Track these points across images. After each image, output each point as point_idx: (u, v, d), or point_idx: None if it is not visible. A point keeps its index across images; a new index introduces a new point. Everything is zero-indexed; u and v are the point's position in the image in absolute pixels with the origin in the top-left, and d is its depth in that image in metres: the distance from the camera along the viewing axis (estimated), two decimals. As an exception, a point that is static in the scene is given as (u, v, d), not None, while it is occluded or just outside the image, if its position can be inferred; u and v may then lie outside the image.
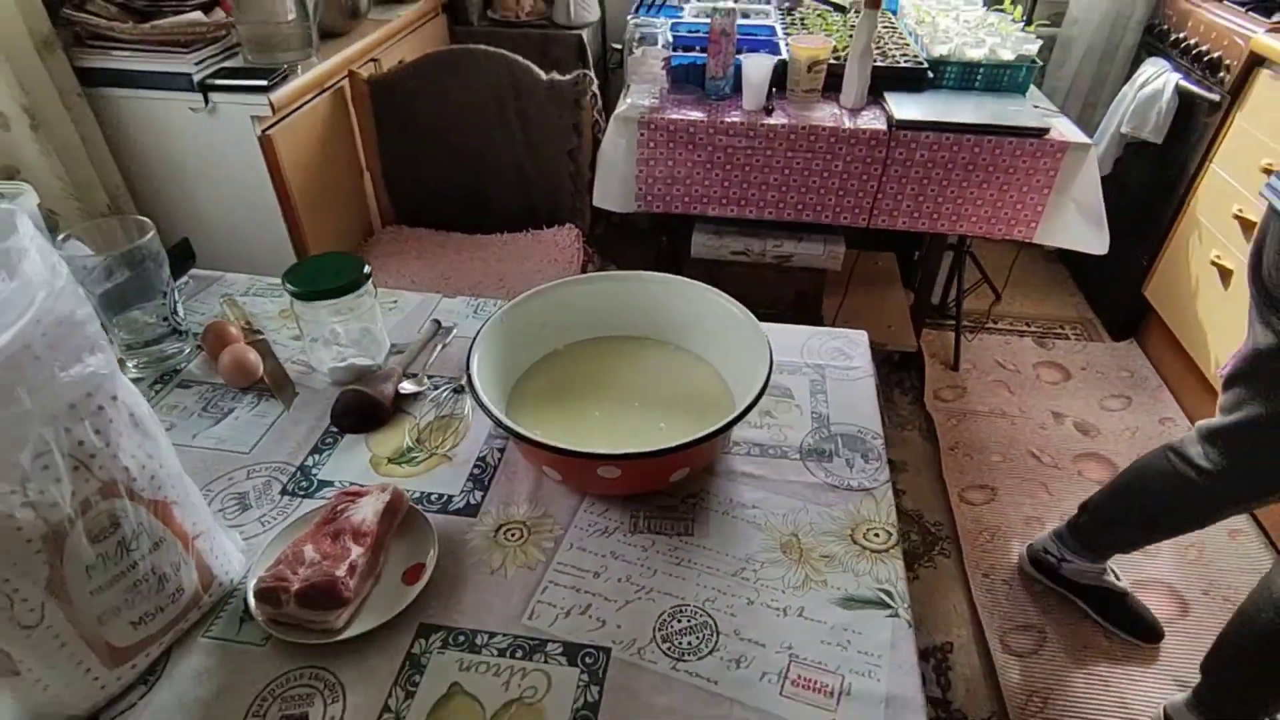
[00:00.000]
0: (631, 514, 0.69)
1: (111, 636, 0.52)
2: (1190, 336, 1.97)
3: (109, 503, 0.49)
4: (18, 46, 1.24)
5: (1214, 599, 1.55)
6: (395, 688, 0.55)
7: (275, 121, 1.41)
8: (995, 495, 1.78)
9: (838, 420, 0.79)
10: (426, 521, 0.66)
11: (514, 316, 0.78)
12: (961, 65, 1.67)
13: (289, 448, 0.76)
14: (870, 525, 0.68)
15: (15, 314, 0.42)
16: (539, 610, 0.61)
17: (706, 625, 0.59)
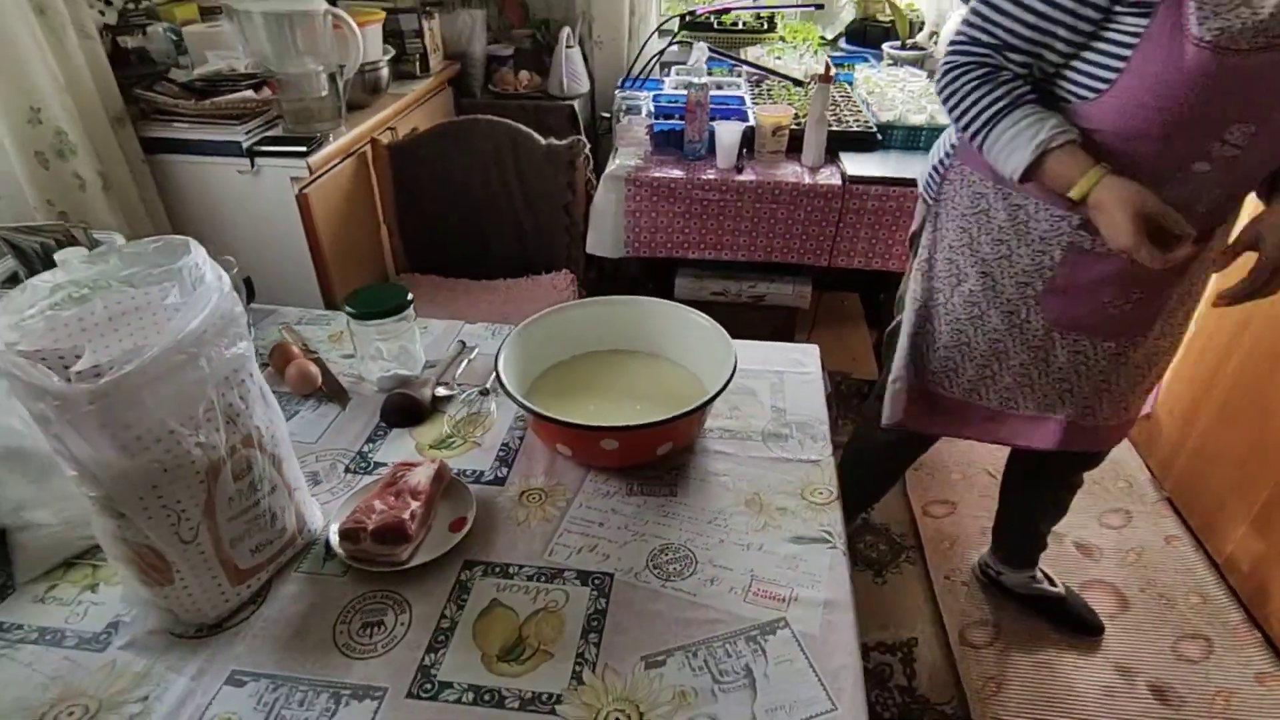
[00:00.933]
0: (627, 482, 0.87)
1: (237, 559, 0.69)
2: (1125, 364, 2.18)
3: (247, 450, 0.66)
4: (96, 121, 1.45)
5: (1150, 596, 1.72)
6: (448, 603, 0.72)
7: (310, 181, 1.62)
8: (955, 509, 1.95)
9: (793, 411, 0.98)
10: (466, 488, 0.83)
11: (529, 332, 0.97)
12: (906, 129, 1.92)
13: (348, 439, 0.94)
14: (815, 486, 0.86)
15: (201, 308, 0.60)
16: (556, 549, 0.78)
17: (687, 556, 0.77)
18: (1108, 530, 1.89)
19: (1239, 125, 0.88)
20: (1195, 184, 0.93)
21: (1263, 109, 0.88)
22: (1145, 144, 0.92)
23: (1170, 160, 0.92)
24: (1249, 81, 0.85)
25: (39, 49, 1.33)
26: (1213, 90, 0.86)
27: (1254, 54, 0.83)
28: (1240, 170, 0.93)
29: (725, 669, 0.66)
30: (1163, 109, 0.88)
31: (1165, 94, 0.87)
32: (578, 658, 0.67)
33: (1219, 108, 0.88)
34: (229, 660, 0.66)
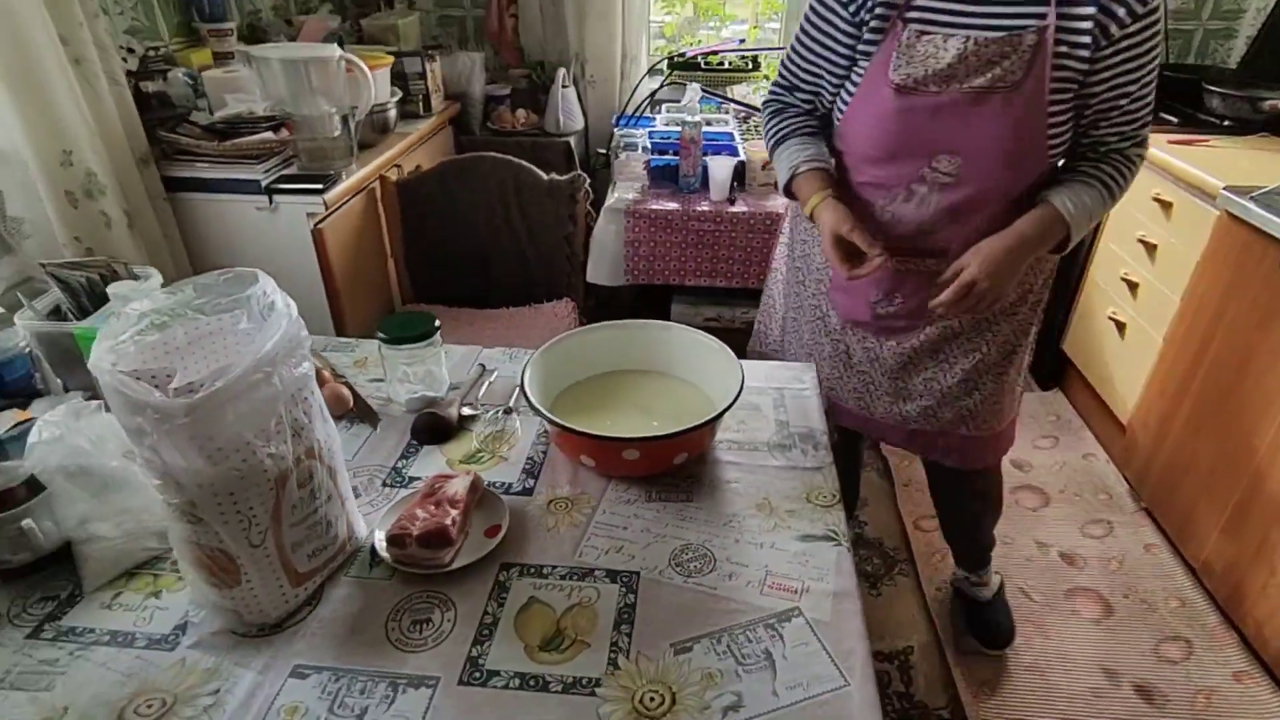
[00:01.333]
0: (646, 490, 0.94)
1: (296, 563, 0.75)
2: (1100, 382, 2.29)
3: (309, 461, 0.73)
4: (123, 162, 1.52)
5: (1132, 601, 1.80)
6: (490, 601, 0.78)
7: (324, 217, 1.69)
8: (945, 523, 2.03)
9: (795, 424, 1.06)
10: (498, 497, 0.90)
11: (550, 354, 1.05)
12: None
13: (382, 455, 1.00)
14: (819, 490, 0.93)
15: (274, 332, 0.67)
16: (586, 551, 0.84)
17: (706, 555, 0.84)
18: (1090, 540, 1.98)
19: (945, 156, 1.07)
20: (919, 201, 1.12)
21: (962, 142, 1.05)
22: (875, 165, 1.14)
23: (896, 179, 1.12)
24: (938, 118, 1.04)
25: (74, 96, 1.40)
26: (905, 124, 1.07)
27: (938, 95, 1.03)
28: (959, 193, 1.09)
29: (747, 653, 0.72)
30: (873, 137, 1.11)
31: (874, 125, 1.10)
32: (612, 646, 0.73)
33: (918, 139, 1.08)
34: (291, 656, 0.72)
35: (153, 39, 1.89)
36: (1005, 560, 1.91)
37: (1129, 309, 2.13)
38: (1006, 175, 1.07)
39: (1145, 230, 2.06)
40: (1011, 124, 1.02)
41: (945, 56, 1.01)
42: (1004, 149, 1.04)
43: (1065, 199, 1.06)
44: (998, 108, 1.01)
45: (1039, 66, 0.99)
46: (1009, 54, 0.99)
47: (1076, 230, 1.07)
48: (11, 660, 0.72)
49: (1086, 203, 1.07)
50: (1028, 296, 1.24)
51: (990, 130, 1.03)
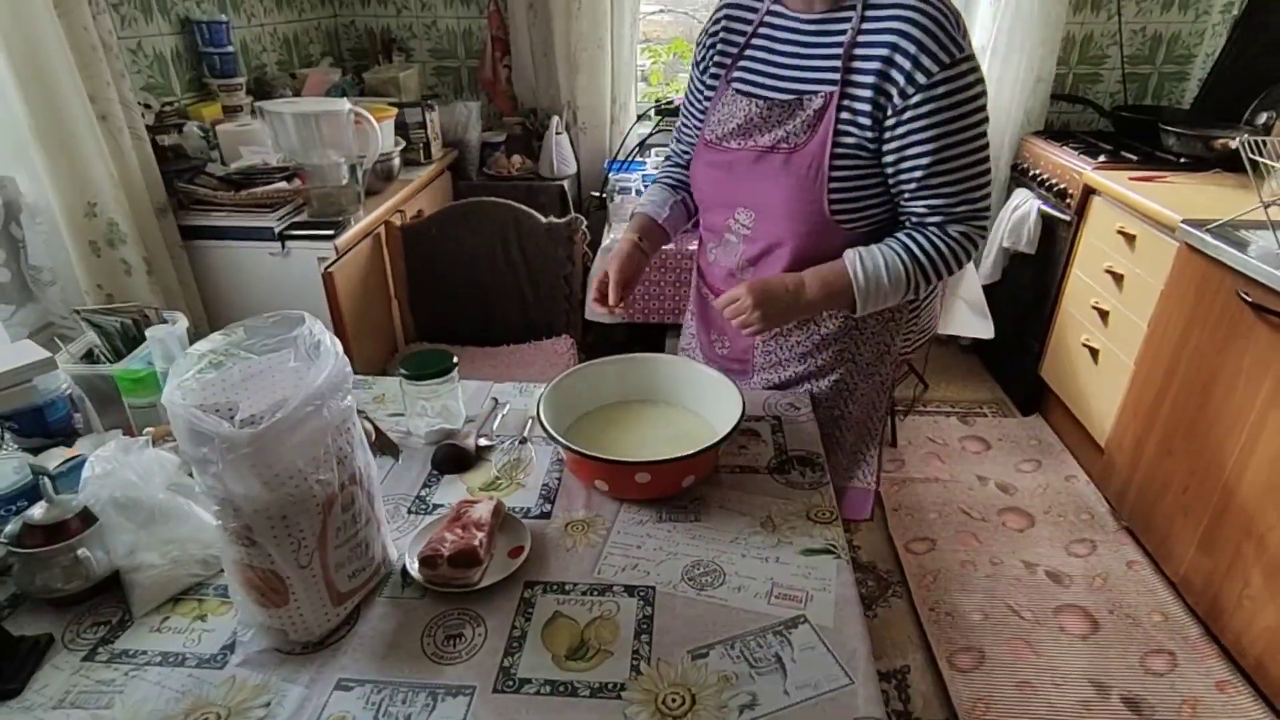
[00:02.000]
0: (657, 511, 1.00)
1: (339, 583, 0.80)
2: (1078, 407, 2.39)
3: (352, 487, 0.79)
4: (143, 212, 1.60)
5: (1118, 616, 1.87)
6: (517, 616, 0.84)
7: (334, 261, 1.77)
8: (935, 545, 2.10)
9: (793, 448, 1.13)
10: (520, 521, 0.96)
11: (562, 386, 1.12)
12: (868, 201, 2.15)
13: (406, 485, 1.06)
14: (818, 508, 1.00)
15: (324, 368, 0.74)
16: (604, 569, 0.90)
17: (716, 569, 0.90)
18: (1075, 559, 2.05)
19: (742, 209, 1.16)
20: (729, 249, 1.21)
21: (752, 197, 1.14)
22: (703, 213, 1.26)
23: (715, 227, 1.22)
24: (733, 173, 1.14)
25: (100, 150, 1.48)
26: (710, 177, 1.18)
27: (735, 151, 1.12)
28: (756, 245, 1.17)
29: (759, 657, 0.78)
30: (697, 188, 1.24)
31: (696, 176, 1.22)
32: (633, 654, 0.79)
33: (721, 192, 1.18)
34: (335, 670, 0.77)
35: (167, 94, 1.98)
36: (994, 580, 1.98)
37: (1101, 336, 2.24)
38: (791, 231, 1.11)
39: (1112, 261, 2.18)
40: (792, 183, 1.07)
41: (738, 115, 1.12)
42: (785, 207, 1.09)
43: (860, 258, 1.07)
44: (779, 166, 1.08)
45: (822, 131, 1.04)
46: (795, 116, 1.06)
47: (863, 294, 1.07)
48: (70, 681, 0.76)
49: (882, 266, 1.06)
50: (885, 357, 1.26)
51: (771, 187, 1.10)
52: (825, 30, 1.05)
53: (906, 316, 1.27)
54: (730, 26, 1.17)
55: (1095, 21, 2.77)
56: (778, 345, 1.26)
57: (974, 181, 1.05)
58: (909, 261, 1.07)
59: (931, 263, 1.08)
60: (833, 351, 1.23)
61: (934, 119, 0.99)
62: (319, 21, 2.78)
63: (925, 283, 1.10)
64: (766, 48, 1.12)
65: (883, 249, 1.08)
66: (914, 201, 1.07)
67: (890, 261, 1.07)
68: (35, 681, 0.76)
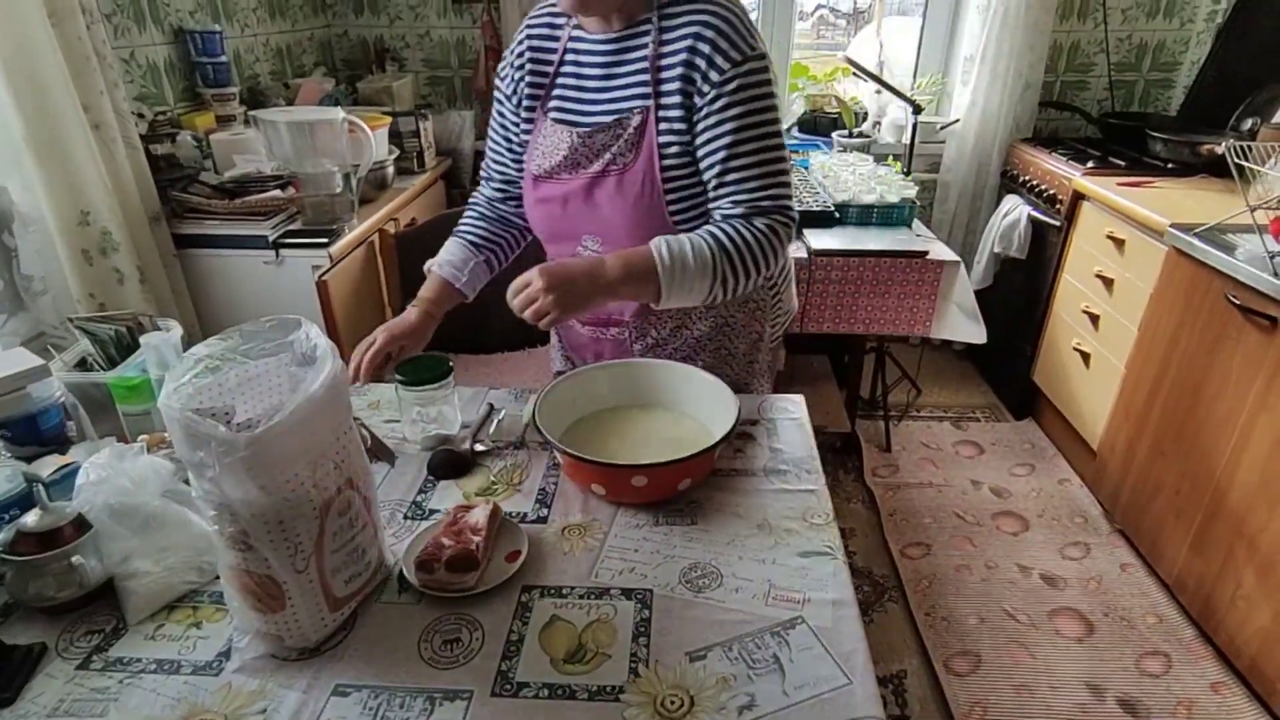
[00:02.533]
0: (653, 515, 1.00)
1: (335, 588, 0.80)
2: (1070, 410, 2.40)
3: (350, 491, 0.79)
4: (136, 221, 1.59)
5: (1113, 619, 1.87)
6: (514, 620, 0.84)
7: (328, 269, 1.77)
8: (930, 550, 2.10)
9: (787, 451, 1.13)
10: (516, 525, 0.96)
11: (557, 390, 1.12)
12: (860, 207, 2.17)
13: (401, 491, 1.06)
14: (814, 510, 1.01)
15: (321, 372, 0.74)
16: (601, 572, 0.90)
17: (714, 572, 0.90)
18: (1069, 562, 2.06)
19: (588, 237, 1.17)
20: None
21: (595, 224, 1.14)
22: (547, 245, 1.25)
23: (564, 257, 1.19)
24: (570, 204, 1.14)
25: (93, 159, 1.48)
26: (546, 211, 1.18)
27: (567, 182, 1.13)
28: None
29: (757, 658, 0.78)
30: (534, 223, 1.23)
31: (530, 211, 1.22)
32: (632, 657, 0.79)
33: (561, 224, 1.18)
34: (332, 676, 0.77)
35: (160, 104, 1.98)
36: (990, 584, 1.98)
37: (1092, 340, 2.26)
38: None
39: (1102, 266, 2.20)
40: (630, 203, 1.10)
41: (563, 147, 1.14)
42: (629, 227, 1.11)
43: (665, 242, 1.04)
44: (613, 190, 1.10)
45: (647, 146, 1.07)
46: (619, 137, 1.08)
47: (668, 274, 1.03)
48: (65, 690, 0.76)
49: (688, 250, 1.03)
50: (759, 344, 1.32)
51: (611, 211, 1.11)
52: (627, 48, 1.08)
53: (770, 302, 1.31)
54: (536, 57, 1.17)
55: (1082, 30, 2.80)
56: (658, 356, 1.27)
57: (772, 171, 1.07)
58: (714, 247, 1.05)
59: (738, 251, 1.06)
60: (709, 351, 1.27)
61: (728, 113, 1.04)
62: (312, 32, 2.79)
63: (733, 273, 1.06)
64: (575, 74, 1.14)
65: (689, 235, 1.06)
66: (719, 195, 1.09)
67: (696, 246, 1.04)
68: (29, 690, 0.76)
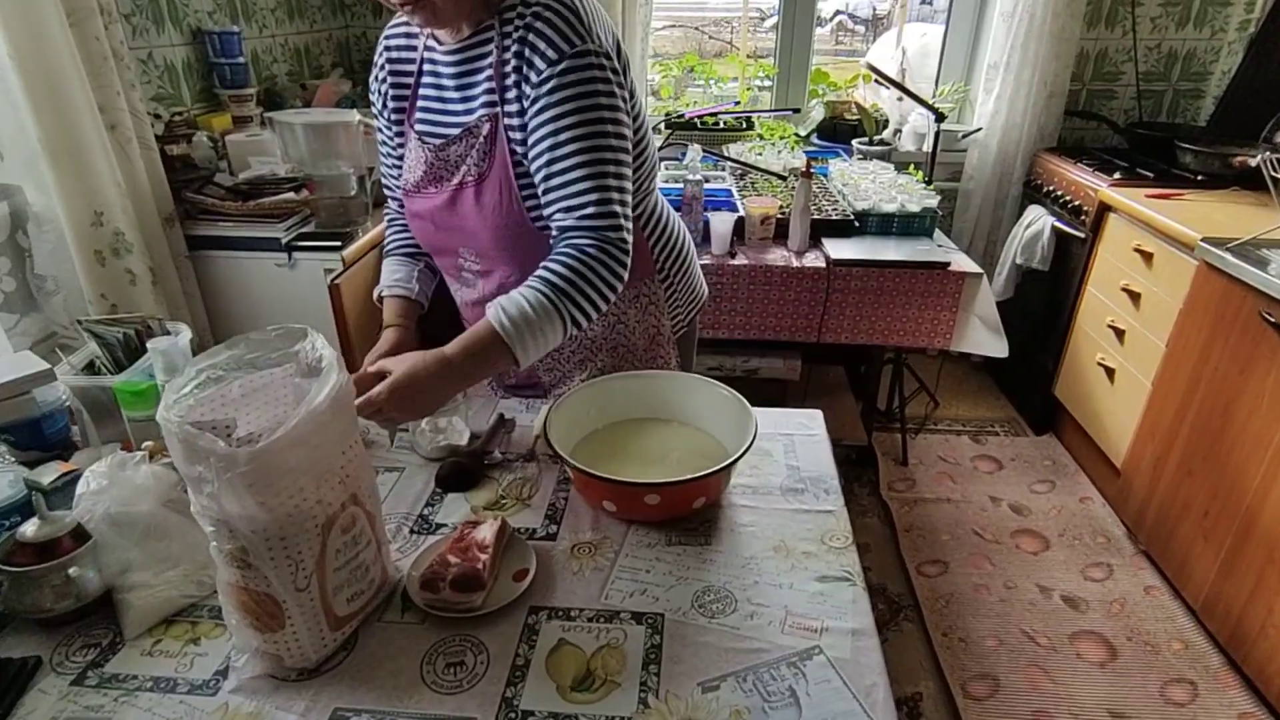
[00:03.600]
0: (666, 534, 0.97)
1: (337, 606, 0.77)
2: (1093, 426, 2.34)
3: (353, 507, 0.76)
4: (149, 222, 1.58)
5: (1136, 644, 1.82)
6: (520, 643, 0.81)
7: (341, 273, 1.75)
8: (947, 568, 2.05)
9: (806, 469, 1.10)
10: (524, 542, 0.93)
11: (568, 403, 1.09)
12: (880, 216, 2.13)
13: (408, 503, 1.03)
14: (833, 532, 0.97)
15: (325, 384, 0.72)
16: (611, 594, 0.87)
17: (728, 596, 0.87)
18: (1091, 584, 2.00)
19: (464, 249, 1.14)
20: (471, 287, 1.19)
21: (466, 235, 1.11)
22: (434, 258, 1.23)
23: (450, 270, 1.20)
24: (440, 216, 1.11)
25: (107, 160, 1.47)
26: (422, 225, 1.15)
27: (434, 195, 1.10)
28: (494, 279, 1.15)
29: (772, 690, 0.75)
30: (416, 235, 1.19)
31: (411, 224, 1.19)
32: (641, 686, 0.76)
33: (437, 237, 1.15)
34: (332, 699, 0.74)
35: (177, 104, 1.98)
36: (1009, 604, 1.93)
37: (1117, 355, 2.20)
38: (512, 257, 1.10)
39: (1129, 279, 2.14)
40: (491, 212, 1.06)
41: (423, 161, 1.11)
42: (495, 237, 1.08)
43: (501, 308, 0.96)
44: (472, 201, 1.07)
45: (499, 153, 1.03)
46: (472, 148, 1.05)
47: (516, 341, 0.95)
48: (58, 707, 0.74)
49: (526, 307, 0.95)
50: (658, 338, 1.28)
51: (476, 223, 1.08)
52: (475, 55, 1.04)
53: (663, 295, 1.26)
54: (396, 69, 1.14)
55: (1110, 38, 2.75)
56: (556, 362, 1.28)
57: (598, 174, 0.98)
58: (550, 293, 0.96)
59: (574, 287, 0.97)
60: (608, 350, 1.26)
61: (546, 114, 0.97)
62: (330, 33, 2.78)
63: (579, 309, 0.99)
64: (435, 85, 1.09)
65: (523, 290, 0.97)
66: (549, 204, 1.01)
67: (534, 300, 0.96)
68: (21, 707, 0.74)
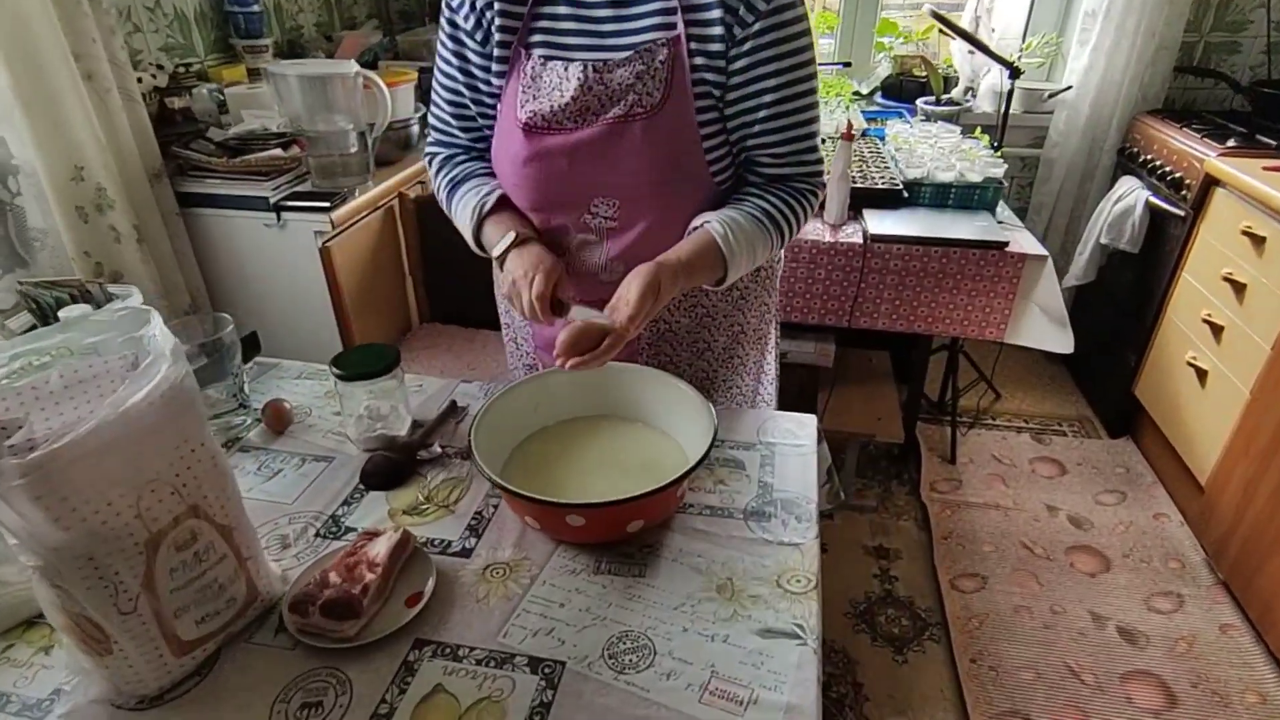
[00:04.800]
0: (596, 559, 0.83)
1: (180, 630, 0.68)
2: (1177, 434, 2.05)
3: (194, 521, 0.66)
4: (134, 177, 1.53)
5: (1202, 692, 1.57)
6: (392, 686, 0.69)
7: (334, 235, 1.66)
8: (986, 584, 1.84)
9: (780, 488, 0.93)
10: (428, 559, 0.81)
11: (508, 399, 0.96)
12: (934, 186, 1.88)
13: (325, 500, 0.93)
14: (794, 573, 0.81)
15: (145, 381, 0.61)
16: (512, 630, 0.75)
17: (646, 646, 0.73)
18: (1155, 615, 1.76)
19: (600, 198, 0.95)
20: (591, 250, 0.99)
21: (612, 181, 0.93)
22: (535, 214, 0.99)
23: (561, 229, 0.99)
24: (578, 158, 0.92)
25: (85, 112, 1.41)
26: (543, 169, 0.94)
27: (574, 131, 0.91)
28: (627, 237, 0.97)
29: (668, 779, 0.61)
30: (519, 186, 0.97)
31: (514, 172, 0.96)
32: (514, 755, 0.63)
33: (565, 184, 0.94)
34: (163, 736, 0.65)
35: (189, 55, 1.92)
36: (1053, 631, 1.71)
37: (1211, 355, 1.90)
38: (664, 206, 0.95)
39: (1233, 267, 1.83)
40: (661, 152, 0.91)
41: (569, 87, 0.90)
42: (656, 181, 0.93)
43: (726, 229, 0.92)
44: (639, 137, 0.90)
45: (680, 82, 0.89)
46: (642, 75, 0.89)
47: (734, 265, 0.93)
48: (-119, 717, 0.67)
49: (748, 231, 0.93)
50: (766, 316, 1.16)
51: (638, 163, 0.91)
52: None
53: (755, 290, 1.13)
54: None
55: (1238, -21, 2.34)
56: (661, 336, 1.10)
57: (812, 128, 0.96)
58: (768, 223, 0.95)
59: (788, 224, 0.97)
60: (686, 345, 1.12)
61: (777, 49, 0.88)
62: (366, -19, 2.68)
63: (775, 248, 0.99)
64: (571, 1, 0.91)
65: (740, 215, 0.94)
66: (757, 149, 0.95)
67: (750, 225, 0.94)
68: None
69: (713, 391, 1.15)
